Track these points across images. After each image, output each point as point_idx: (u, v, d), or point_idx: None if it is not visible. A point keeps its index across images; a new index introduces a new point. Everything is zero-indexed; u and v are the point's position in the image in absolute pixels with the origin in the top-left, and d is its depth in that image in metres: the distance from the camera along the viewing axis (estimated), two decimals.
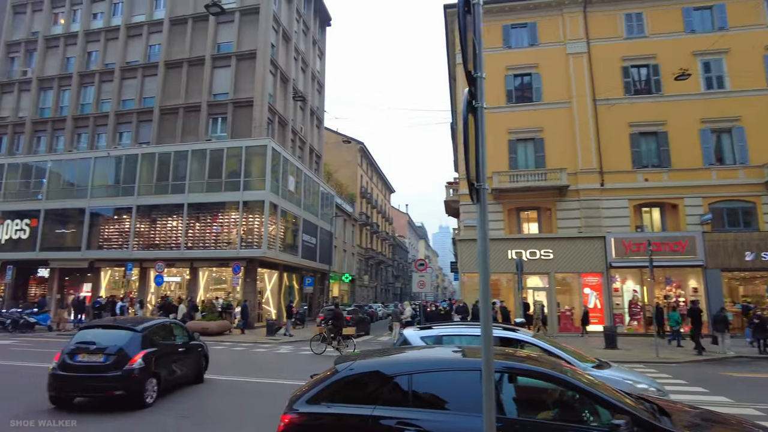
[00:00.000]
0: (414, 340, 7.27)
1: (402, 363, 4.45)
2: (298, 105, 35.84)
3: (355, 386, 4.18)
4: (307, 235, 32.53)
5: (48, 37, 34.61)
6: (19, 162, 31.18)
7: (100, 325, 9.40)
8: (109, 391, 8.07)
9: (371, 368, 4.39)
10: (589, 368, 6.48)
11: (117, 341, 8.44)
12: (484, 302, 2.86)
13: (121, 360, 8.14)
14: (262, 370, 13.16)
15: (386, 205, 73.62)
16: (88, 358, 8.26)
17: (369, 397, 4.05)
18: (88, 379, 8.09)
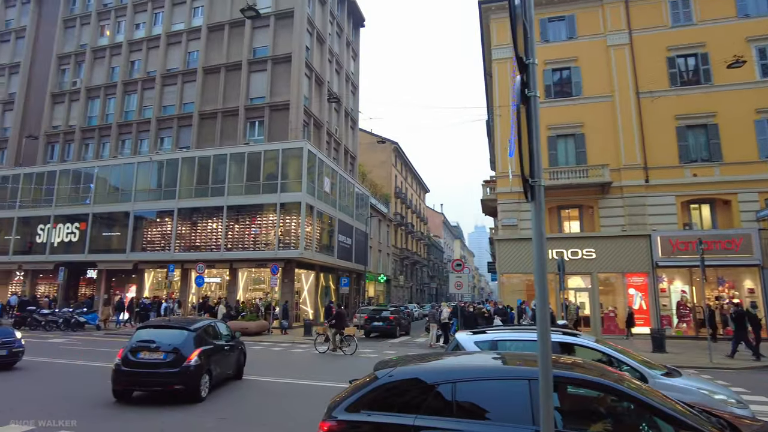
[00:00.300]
0: (467, 345, 6.92)
1: (444, 370, 4.27)
2: (333, 107, 36.06)
3: (395, 394, 4.03)
4: (343, 236, 32.65)
5: (95, 48, 36.07)
6: (70, 168, 32.61)
7: (157, 325, 10.10)
8: (169, 385, 8.75)
9: (412, 375, 4.22)
10: (658, 376, 6.02)
11: (174, 340, 9.14)
12: (541, 305, 2.66)
13: (179, 357, 8.82)
14: (300, 370, 13.19)
15: (421, 205, 73.26)
16: (149, 355, 8.94)
17: (410, 405, 3.89)
18: (150, 374, 8.79)
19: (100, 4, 36.79)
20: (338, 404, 4.12)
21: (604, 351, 6.45)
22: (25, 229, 32.68)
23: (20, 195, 32.95)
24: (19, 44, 39.36)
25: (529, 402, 3.62)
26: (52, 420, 7.35)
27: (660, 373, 6.14)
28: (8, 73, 39.11)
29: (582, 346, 6.64)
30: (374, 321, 24.68)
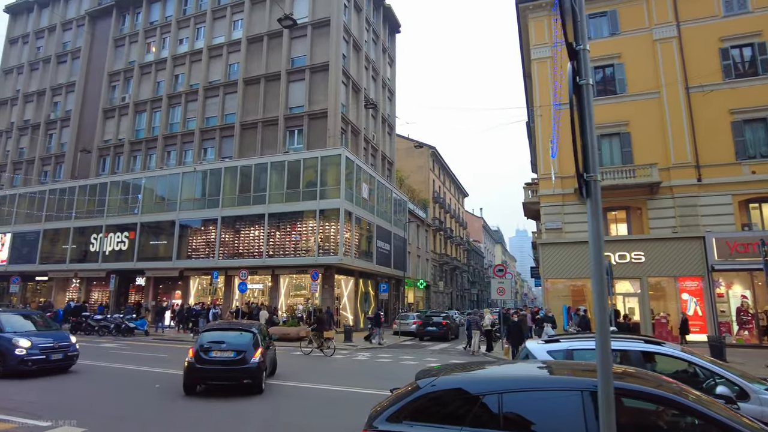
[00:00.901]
0: (539, 354, 6.38)
1: (489, 381, 4.06)
2: (370, 113, 36.21)
3: (438, 404, 3.85)
4: (381, 242, 32.61)
5: (142, 64, 37.66)
6: (119, 180, 34.07)
7: (223, 328, 11.58)
8: (240, 379, 10.19)
9: (455, 385, 4.03)
10: (762, 391, 5.17)
11: (240, 340, 10.61)
12: (600, 311, 2.44)
13: (246, 355, 10.22)
14: (341, 376, 13.14)
15: (460, 210, 72.48)
16: (220, 354, 10.27)
17: (454, 416, 3.70)
18: (222, 370, 10.17)
19: (147, 22, 38.44)
20: (379, 414, 3.98)
21: (694, 361, 5.76)
22: (80, 238, 34.34)
23: (75, 206, 34.70)
24: (75, 64, 41.57)
25: (582, 415, 3.37)
26: (104, 419, 7.55)
27: (763, 388, 5.29)
28: (65, 91, 41.36)
29: (667, 356, 6.03)
30: (428, 326, 26.88)
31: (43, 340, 12.37)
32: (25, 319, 13.68)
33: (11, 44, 46.44)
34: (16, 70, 45.05)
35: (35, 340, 12.19)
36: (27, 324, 13.32)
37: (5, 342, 11.92)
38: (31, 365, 11.82)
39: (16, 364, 11.63)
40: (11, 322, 12.96)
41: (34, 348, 11.96)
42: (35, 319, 14.00)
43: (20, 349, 11.76)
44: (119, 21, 40.15)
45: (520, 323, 18.18)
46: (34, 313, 15.45)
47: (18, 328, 12.79)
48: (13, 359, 11.63)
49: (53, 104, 41.92)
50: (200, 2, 36.58)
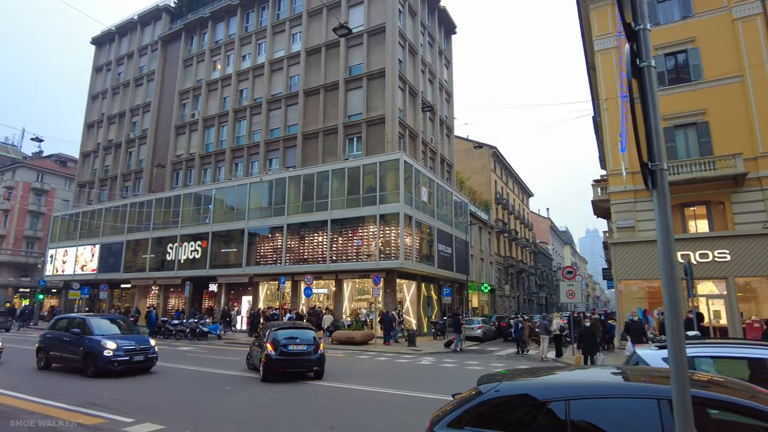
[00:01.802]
0: (654, 362, 5.93)
1: (556, 386, 3.85)
2: (428, 116, 36.09)
3: (502, 410, 3.71)
4: (443, 245, 32.30)
5: (209, 81, 39.78)
6: (192, 192, 36.07)
7: (292, 326, 14.17)
8: (310, 367, 12.77)
9: (520, 391, 3.86)
10: None
11: (308, 336, 13.14)
12: (672, 313, 2.23)
13: (315, 348, 12.84)
14: (405, 380, 13.07)
15: (524, 211, 70.43)
16: (296, 347, 12.70)
17: (519, 423, 3.54)
18: (299, 360, 12.62)
19: (212, 41, 40.57)
20: (441, 419, 3.90)
21: None
22: (158, 248, 36.68)
23: (153, 218, 37.13)
24: (150, 86, 44.66)
25: (660, 425, 3.11)
26: (181, 418, 7.95)
27: None
28: (142, 111, 44.52)
29: None
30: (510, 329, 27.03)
31: (127, 343, 13.24)
32: (111, 323, 14.74)
33: (97, 72, 50.65)
34: (101, 95, 49.09)
35: (120, 343, 13.09)
36: (113, 328, 14.35)
37: (95, 344, 12.91)
38: (117, 366, 12.68)
39: (104, 364, 12.55)
40: (100, 326, 14.03)
41: (119, 350, 12.85)
42: (120, 323, 15.04)
43: (108, 351, 12.66)
44: (187, 43, 42.68)
45: (592, 329, 16.76)
46: (119, 317, 16.65)
47: (105, 331, 13.83)
48: (102, 360, 12.56)
49: (132, 124, 45.23)
50: (260, 18, 38.13)
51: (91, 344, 12.96)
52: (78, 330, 13.58)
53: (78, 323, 14.02)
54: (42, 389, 10.82)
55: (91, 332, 13.44)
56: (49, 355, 14.16)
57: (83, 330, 13.57)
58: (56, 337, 14.27)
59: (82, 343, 13.18)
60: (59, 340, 14.07)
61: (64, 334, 14.02)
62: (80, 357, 13.08)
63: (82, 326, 13.76)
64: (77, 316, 15.23)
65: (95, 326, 13.80)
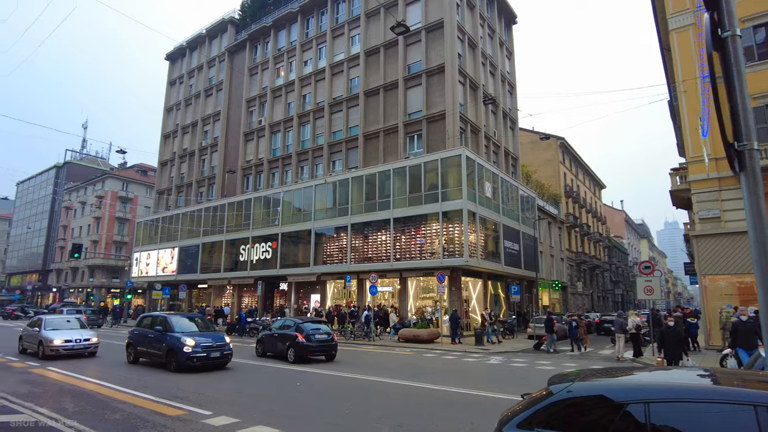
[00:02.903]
0: None
1: (635, 388, 3.57)
2: (490, 109, 35.27)
3: (574, 412, 3.50)
4: (509, 242, 31.43)
5: (273, 89, 41.19)
6: (261, 195, 37.55)
7: (313, 321, 18.38)
8: (330, 351, 16.73)
9: (594, 392, 3.62)
10: None
11: (327, 328, 17.53)
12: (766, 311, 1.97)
13: (331, 337, 16.93)
14: (473, 379, 12.83)
15: (596, 203, 67.13)
16: (320, 336, 16.57)
17: (592, 426, 3.33)
18: (322, 346, 16.44)
19: (275, 49, 41.96)
20: (509, 419, 3.75)
21: None
22: (231, 249, 38.50)
23: (226, 221, 39.04)
24: (219, 96, 46.97)
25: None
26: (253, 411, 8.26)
27: None
28: (212, 120, 46.92)
29: None
30: None
31: (204, 340, 13.92)
32: (190, 321, 15.56)
33: (171, 86, 54.03)
34: (175, 107, 52.30)
35: (198, 340, 13.79)
36: (191, 325, 15.13)
37: (176, 341, 13.68)
38: (196, 362, 13.37)
39: (184, 360, 13.28)
40: (180, 324, 14.82)
41: (197, 347, 13.55)
42: (197, 321, 15.83)
43: (187, 348, 13.40)
44: (252, 52, 44.42)
45: (676, 328, 14.03)
46: (197, 315, 17.56)
47: (184, 328, 14.62)
48: (182, 356, 13.31)
49: (204, 133, 47.79)
50: (320, 24, 38.96)
51: (172, 341, 13.76)
52: (160, 327, 14.47)
53: (160, 321, 14.96)
54: (132, 381, 11.65)
55: (172, 330, 14.28)
56: (137, 350, 15.27)
57: (165, 327, 14.43)
58: (142, 334, 15.32)
59: (164, 339, 14.06)
60: (145, 336, 15.10)
61: (148, 332, 15.02)
62: (163, 353, 13.96)
63: (164, 324, 14.63)
64: (159, 314, 16.30)
65: (175, 324, 14.64)
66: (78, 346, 16.33)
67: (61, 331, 16.68)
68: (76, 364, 14.77)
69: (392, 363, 16.55)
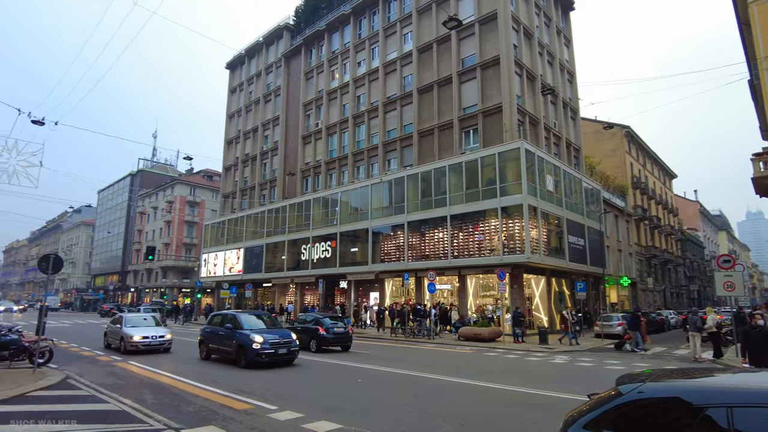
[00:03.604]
0: None
1: (716, 391, 3.31)
2: (549, 100, 34.09)
3: (645, 414, 3.29)
4: (573, 237, 30.24)
5: (329, 91, 41.93)
6: (320, 196, 38.37)
7: (331, 317, 20.15)
8: (346, 342, 18.88)
9: (669, 393, 3.40)
10: None
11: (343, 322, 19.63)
12: None
13: (347, 329, 19.18)
14: (537, 379, 12.46)
15: (667, 194, 63.29)
16: (337, 329, 18.82)
17: (665, 429, 3.12)
18: (340, 337, 18.76)
19: (329, 52, 42.69)
20: (575, 420, 3.59)
21: None
22: (293, 249, 39.62)
23: (288, 222, 40.23)
24: (277, 101, 48.45)
25: None
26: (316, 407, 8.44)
27: None
28: (272, 125, 48.47)
29: None
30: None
31: (272, 337, 14.25)
32: (257, 318, 16.00)
33: (232, 93, 56.36)
34: (237, 113, 54.50)
35: (266, 336, 14.12)
36: (259, 323, 15.49)
37: (245, 338, 14.11)
38: (264, 358, 13.71)
39: (253, 356, 13.65)
40: (248, 321, 15.28)
41: (266, 343, 13.88)
42: (264, 318, 16.25)
43: (256, 344, 13.76)
44: (307, 57, 45.44)
45: (765, 328, 11.70)
46: (264, 313, 18.11)
47: (253, 325, 15.02)
48: (251, 352, 13.68)
49: (264, 137, 49.47)
50: (372, 24, 39.21)
51: (242, 338, 14.17)
52: (230, 325, 14.94)
53: (230, 319, 15.44)
54: (204, 377, 12.25)
55: (241, 327, 14.73)
56: (209, 347, 15.92)
57: (234, 325, 14.87)
58: (213, 332, 15.95)
59: (234, 336, 14.49)
60: (215, 334, 15.70)
61: (219, 329, 15.55)
62: (233, 349, 14.43)
63: (234, 321, 15.07)
64: (228, 312, 16.91)
65: (244, 321, 15.11)
66: (154, 342, 17.41)
67: (139, 328, 17.88)
68: (153, 358, 15.77)
69: (452, 361, 16.39)
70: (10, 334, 13.62)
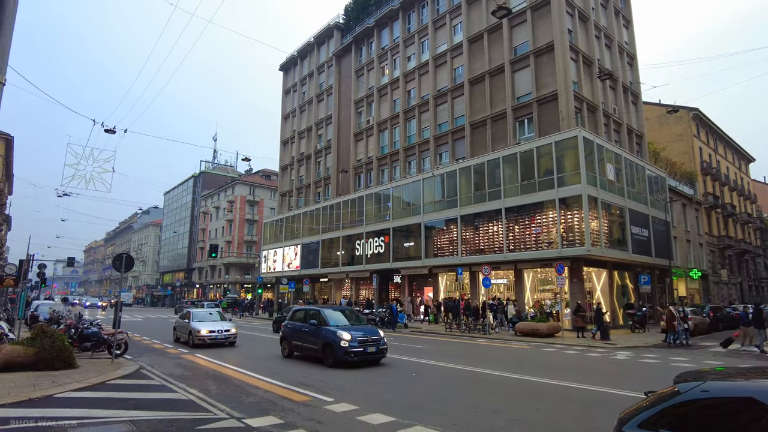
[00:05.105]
0: None
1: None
2: (608, 85, 32.58)
3: (707, 414, 3.13)
4: (637, 227, 28.81)
5: (379, 87, 42.13)
6: (372, 192, 38.71)
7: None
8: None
9: (736, 393, 3.21)
10: None
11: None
12: None
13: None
14: (597, 376, 12.02)
15: (743, 179, 58.83)
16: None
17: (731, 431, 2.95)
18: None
19: (379, 48, 42.86)
20: (630, 418, 3.48)
21: None
22: (347, 245, 40.25)
23: (342, 218, 40.90)
24: (330, 100, 49.24)
25: None
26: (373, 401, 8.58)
27: None
28: (325, 124, 49.34)
29: None
30: None
31: (360, 334, 13.31)
32: (342, 314, 14.96)
33: (286, 95, 57.84)
34: (291, 114, 55.88)
35: (354, 334, 13.19)
36: (343, 318, 14.53)
37: (332, 335, 13.23)
38: (353, 357, 12.78)
39: (341, 354, 12.76)
40: (333, 317, 14.36)
41: (353, 341, 12.95)
42: (347, 313, 15.27)
43: (344, 342, 12.89)
44: (357, 54, 45.84)
45: None
46: (347, 308, 17.31)
47: (338, 322, 14.09)
48: (340, 350, 12.80)
49: (318, 136, 50.45)
50: (421, 17, 38.97)
51: (328, 335, 13.31)
52: (315, 321, 14.08)
53: (313, 314, 14.55)
54: (289, 375, 12.69)
55: (327, 323, 13.85)
56: (291, 344, 15.06)
57: (319, 321, 14.02)
58: (296, 328, 15.06)
59: (319, 333, 13.67)
60: (299, 330, 14.81)
61: (303, 325, 14.69)
62: (319, 347, 13.57)
63: (318, 317, 14.22)
64: (312, 307, 15.89)
65: (329, 317, 14.20)
66: (220, 336, 18.11)
67: (206, 323, 18.65)
68: (228, 355, 16.08)
69: (509, 357, 16.13)
70: (92, 327, 14.85)
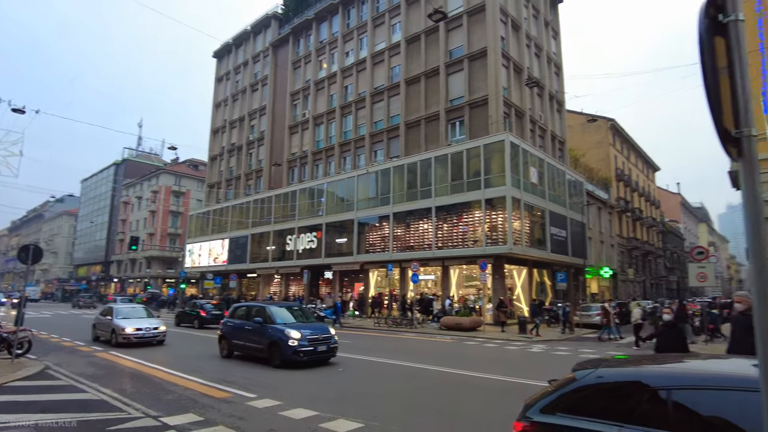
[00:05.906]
0: None
1: (668, 375, 3.51)
2: (535, 92, 34.32)
3: (601, 398, 3.48)
4: (556, 228, 30.67)
5: (316, 81, 41.71)
6: (306, 187, 38.31)
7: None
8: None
9: (626, 378, 3.59)
10: None
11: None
12: (762, 307, 1.89)
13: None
14: (512, 367, 12.75)
15: (650, 186, 64.20)
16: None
17: (617, 411, 3.29)
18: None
19: (317, 41, 42.42)
20: (534, 404, 3.78)
21: None
22: (278, 239, 39.59)
23: (273, 212, 40.15)
24: (264, 90, 48.05)
25: None
26: None
27: None
28: (258, 115, 48.12)
29: None
30: None
31: (310, 332, 12.53)
32: (288, 311, 14.08)
33: (218, 82, 55.76)
34: (223, 103, 53.96)
35: (303, 332, 12.39)
36: (290, 316, 13.65)
37: (280, 333, 12.31)
38: (303, 356, 12.02)
39: (290, 354, 11.98)
40: (280, 314, 13.41)
41: (303, 339, 12.18)
42: (294, 310, 14.45)
43: (292, 341, 12.06)
44: (295, 46, 45.09)
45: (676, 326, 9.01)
46: (294, 304, 16.30)
47: (285, 319, 13.20)
48: (288, 350, 12.00)
49: (251, 127, 49.11)
50: (361, 13, 39.00)
51: (276, 333, 12.45)
52: (260, 319, 13.13)
53: (258, 311, 13.64)
54: (233, 376, 12.26)
55: (273, 321, 12.97)
56: (231, 343, 14.00)
57: (265, 319, 13.12)
58: (237, 327, 14.02)
59: (265, 332, 12.77)
60: (241, 329, 13.82)
61: (245, 323, 13.73)
62: (264, 346, 12.73)
63: (263, 314, 13.31)
64: (255, 304, 15.16)
65: (275, 314, 13.33)
66: (148, 334, 16.55)
67: (131, 320, 16.95)
68: (148, 353, 14.79)
69: (433, 350, 16.66)
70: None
